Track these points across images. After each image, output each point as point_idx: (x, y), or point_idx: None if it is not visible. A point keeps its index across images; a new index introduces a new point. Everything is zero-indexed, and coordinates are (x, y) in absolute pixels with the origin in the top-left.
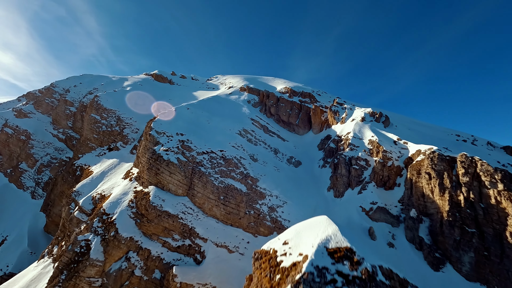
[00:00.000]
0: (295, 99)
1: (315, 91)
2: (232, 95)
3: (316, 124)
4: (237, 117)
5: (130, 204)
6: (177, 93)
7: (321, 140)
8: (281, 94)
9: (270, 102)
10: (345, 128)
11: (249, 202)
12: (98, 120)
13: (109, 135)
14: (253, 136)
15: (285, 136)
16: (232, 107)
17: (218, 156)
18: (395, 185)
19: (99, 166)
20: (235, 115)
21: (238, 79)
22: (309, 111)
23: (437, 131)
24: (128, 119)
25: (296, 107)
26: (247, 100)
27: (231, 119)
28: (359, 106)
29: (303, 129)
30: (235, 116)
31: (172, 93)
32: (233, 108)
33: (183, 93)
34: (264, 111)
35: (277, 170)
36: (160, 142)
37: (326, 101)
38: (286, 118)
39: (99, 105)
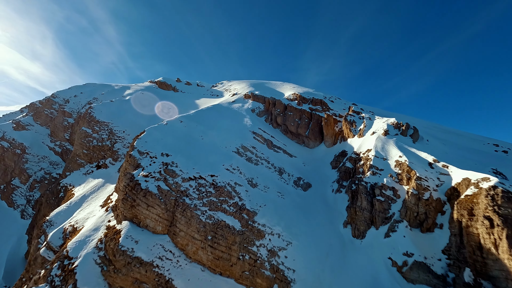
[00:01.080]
0: (305, 107)
1: (327, 97)
2: (235, 103)
3: (329, 136)
4: (237, 130)
5: (99, 245)
6: (179, 101)
7: (335, 157)
8: (289, 101)
9: (277, 110)
10: (364, 143)
11: (243, 244)
12: (89, 134)
13: (99, 150)
14: (253, 154)
15: (293, 151)
16: (233, 117)
17: (207, 183)
18: (435, 226)
19: (82, 188)
20: (235, 128)
21: (243, 85)
22: (320, 120)
23: (472, 141)
24: (121, 132)
25: (305, 116)
26: (251, 109)
27: (230, 133)
28: (379, 115)
29: (314, 141)
30: (235, 129)
31: (174, 101)
32: (234, 119)
33: (185, 101)
34: (269, 120)
35: (281, 196)
36: (141, 165)
37: (340, 108)
38: (294, 128)
39: (91, 117)
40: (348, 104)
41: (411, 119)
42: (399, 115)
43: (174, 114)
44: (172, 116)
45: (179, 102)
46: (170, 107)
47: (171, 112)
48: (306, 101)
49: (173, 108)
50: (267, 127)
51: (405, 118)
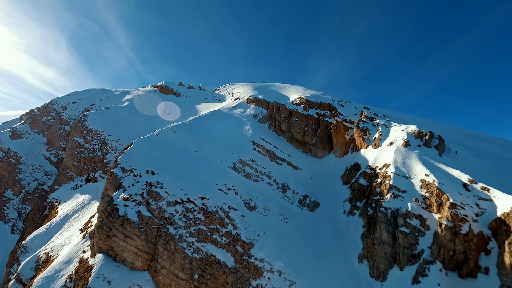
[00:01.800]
0: (312, 112)
1: (336, 101)
2: (236, 108)
3: (339, 144)
4: (236, 141)
5: (67, 284)
6: (179, 106)
7: (346, 170)
8: (295, 106)
9: (281, 116)
10: (380, 156)
11: (236, 284)
12: (80, 144)
13: (90, 162)
14: (253, 168)
15: (298, 162)
16: (232, 126)
17: (196, 207)
18: (478, 269)
19: (68, 205)
20: (233, 138)
21: (246, 89)
22: (329, 127)
23: (505, 148)
24: (114, 142)
25: (313, 122)
26: (252, 115)
27: (227, 144)
28: (395, 120)
29: (322, 150)
30: (233, 140)
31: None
32: (233, 127)
33: (185, 106)
34: (273, 127)
35: (284, 219)
36: (123, 185)
37: (351, 113)
38: (300, 136)
39: (84, 126)
40: (359, 108)
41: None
42: (415, 118)
43: (173, 120)
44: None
45: (180, 107)
46: (169, 112)
47: (169, 118)
48: (313, 105)
49: (172, 114)
50: (270, 135)
51: (423, 122)
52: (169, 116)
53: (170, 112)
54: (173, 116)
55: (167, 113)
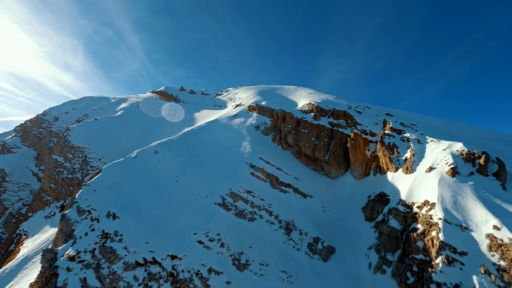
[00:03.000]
0: (324, 122)
1: (352, 107)
2: (236, 117)
3: (358, 163)
4: (230, 163)
5: None
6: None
7: (370, 201)
8: (303, 114)
9: (287, 127)
10: (417, 186)
11: None
12: (59, 163)
13: (68, 184)
14: (248, 202)
15: (308, 186)
16: (229, 140)
17: (164, 272)
18: None
19: (32, 241)
20: (228, 159)
21: (250, 93)
22: (345, 140)
23: None
24: (96, 161)
25: (325, 134)
26: (254, 126)
27: (219, 168)
28: (430, 132)
29: (337, 168)
30: (227, 161)
31: (170, 115)
32: (230, 142)
33: (184, 114)
34: (278, 140)
35: (288, 279)
36: (75, 234)
37: (371, 122)
38: (310, 151)
39: (66, 142)
40: (381, 115)
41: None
42: (442, 121)
43: (165, 133)
44: (164, 133)
45: (175, 116)
46: (164, 122)
47: (164, 129)
48: (325, 113)
49: (167, 124)
50: (273, 149)
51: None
52: (164, 126)
53: (166, 121)
54: (168, 126)
55: (163, 123)
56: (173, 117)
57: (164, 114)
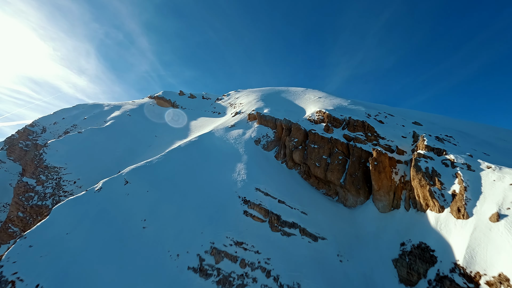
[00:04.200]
0: (337, 134)
1: (371, 115)
2: (234, 128)
3: (384, 190)
4: (219, 195)
5: None
6: (170, 123)
7: (404, 253)
8: (312, 124)
9: (293, 141)
10: (481, 244)
11: None
12: (30, 187)
13: (36, 213)
14: (237, 260)
15: (319, 222)
16: (220, 163)
17: None
18: None
19: None
20: (216, 190)
21: (252, 98)
22: (364, 158)
23: None
24: (71, 184)
25: (339, 150)
26: (254, 139)
27: (202, 205)
28: (470, 145)
29: (355, 195)
30: (215, 193)
31: (164, 123)
32: (223, 165)
33: (178, 123)
34: (282, 156)
35: None
36: None
37: (396, 135)
38: (321, 171)
39: (40, 161)
40: (407, 124)
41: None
42: (480, 127)
43: (156, 146)
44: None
45: (170, 126)
46: (157, 133)
47: (154, 142)
48: (339, 123)
49: (159, 134)
50: (275, 170)
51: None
52: (155, 138)
53: (159, 132)
54: (160, 138)
55: (155, 133)
56: (166, 126)
57: (158, 123)
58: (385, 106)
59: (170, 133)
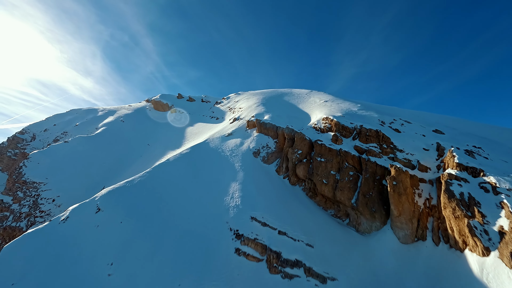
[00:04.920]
0: (347, 145)
1: (386, 123)
2: (232, 137)
3: (405, 217)
4: (206, 226)
5: None
6: (166, 130)
7: None
8: (318, 133)
9: (297, 153)
10: None
11: None
12: (6, 206)
13: (9, 237)
14: None
15: (328, 257)
16: (213, 181)
17: None
18: None
19: None
20: (203, 220)
21: (252, 102)
22: (380, 174)
23: None
24: (49, 203)
25: (349, 164)
26: (253, 151)
27: (183, 241)
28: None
29: (370, 219)
30: (202, 224)
31: (159, 130)
32: (213, 186)
33: (174, 129)
34: (283, 171)
35: None
36: None
37: (417, 146)
38: (329, 189)
39: (19, 175)
40: (428, 133)
41: None
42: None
43: (147, 157)
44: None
45: (164, 132)
46: (149, 141)
47: (145, 152)
48: (349, 132)
49: (152, 143)
50: (276, 187)
51: None
52: (148, 146)
53: (153, 140)
54: (153, 146)
55: (147, 141)
56: (161, 133)
57: (152, 129)
58: (396, 109)
59: (164, 140)
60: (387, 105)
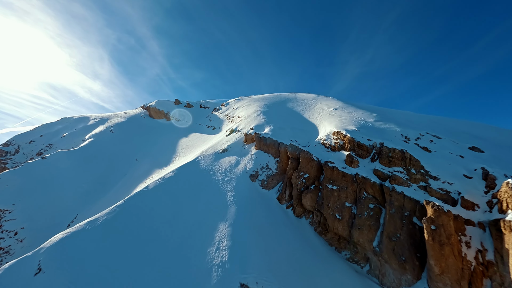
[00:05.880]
0: (364, 168)
1: (411, 139)
2: (226, 154)
3: (450, 274)
4: None
5: None
6: (158, 141)
7: None
8: (328, 152)
9: (303, 177)
10: None
11: None
12: None
13: None
14: None
15: None
16: (198, 220)
17: None
18: None
19: None
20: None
21: (252, 110)
22: (410, 210)
23: None
24: (10, 236)
25: (369, 194)
26: (250, 174)
27: None
28: None
29: (399, 270)
30: None
31: (151, 141)
32: (198, 227)
33: (166, 141)
34: (286, 198)
35: None
36: None
37: (455, 172)
38: (343, 226)
39: None
40: (466, 153)
41: None
42: None
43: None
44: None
45: (156, 144)
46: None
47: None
48: (367, 152)
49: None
50: (278, 221)
51: None
52: (136, 162)
53: (141, 155)
54: (141, 160)
55: (136, 156)
56: (152, 145)
57: (143, 141)
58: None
59: (154, 154)
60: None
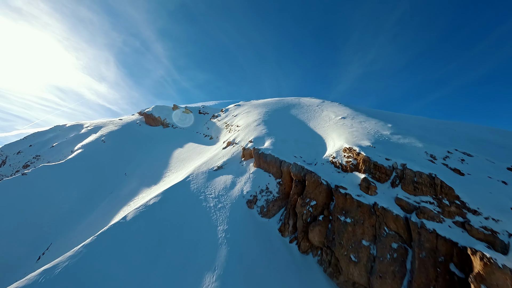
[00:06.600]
0: (384, 196)
1: (438, 158)
2: (221, 172)
3: None
4: None
5: None
6: (151, 152)
7: None
8: (339, 173)
9: (309, 204)
10: None
11: None
12: None
13: None
14: None
15: None
16: (180, 265)
17: None
18: None
19: None
20: None
21: (252, 118)
22: (444, 254)
23: None
24: None
25: (392, 229)
26: (247, 198)
27: None
28: None
29: None
30: None
31: (144, 152)
32: (178, 276)
33: (160, 152)
34: (290, 230)
35: None
36: None
37: (498, 204)
38: (360, 272)
39: None
40: (506, 176)
41: None
42: None
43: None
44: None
45: (149, 156)
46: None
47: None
48: (385, 174)
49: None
50: (280, 263)
51: None
52: (125, 176)
53: (131, 166)
54: (130, 175)
55: (125, 170)
56: (144, 156)
57: (136, 151)
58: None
59: (145, 168)
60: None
